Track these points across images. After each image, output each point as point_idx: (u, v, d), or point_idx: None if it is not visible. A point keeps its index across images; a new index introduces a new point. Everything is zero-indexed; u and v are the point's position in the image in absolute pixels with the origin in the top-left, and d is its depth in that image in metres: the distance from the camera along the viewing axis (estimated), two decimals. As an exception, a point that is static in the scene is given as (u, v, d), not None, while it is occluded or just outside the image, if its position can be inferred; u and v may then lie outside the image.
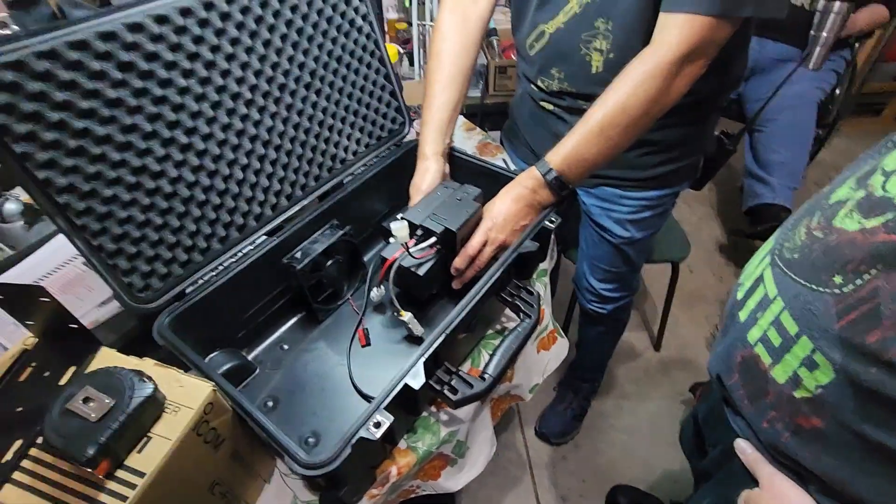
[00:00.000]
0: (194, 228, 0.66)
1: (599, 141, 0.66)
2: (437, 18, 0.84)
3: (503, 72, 1.44)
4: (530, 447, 1.45)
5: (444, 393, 0.59)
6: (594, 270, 1.05)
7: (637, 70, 0.63)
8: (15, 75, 0.47)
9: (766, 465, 0.50)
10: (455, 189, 0.74)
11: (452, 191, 0.74)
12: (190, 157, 0.63)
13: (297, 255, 0.74)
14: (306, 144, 0.77)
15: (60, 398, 0.44)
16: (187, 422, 0.47)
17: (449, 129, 0.81)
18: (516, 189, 0.72)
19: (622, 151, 0.68)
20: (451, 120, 0.81)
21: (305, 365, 0.74)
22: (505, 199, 0.72)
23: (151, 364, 0.51)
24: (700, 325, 1.75)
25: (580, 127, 0.67)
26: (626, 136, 0.66)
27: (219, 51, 0.62)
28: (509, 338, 0.66)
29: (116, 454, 0.44)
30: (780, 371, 0.46)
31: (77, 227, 0.55)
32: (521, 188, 0.71)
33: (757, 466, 0.50)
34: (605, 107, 0.65)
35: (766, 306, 0.47)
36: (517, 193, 0.72)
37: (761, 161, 1.71)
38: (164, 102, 0.59)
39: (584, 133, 0.66)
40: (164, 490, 0.45)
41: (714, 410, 0.66)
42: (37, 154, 0.50)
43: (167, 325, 0.62)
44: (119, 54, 0.54)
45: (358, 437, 0.51)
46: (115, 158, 0.56)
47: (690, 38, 0.59)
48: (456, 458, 0.74)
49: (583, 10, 0.70)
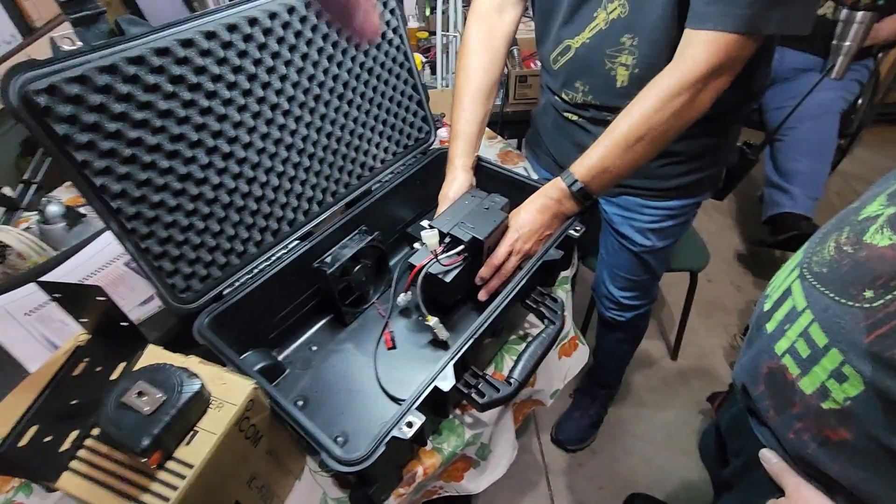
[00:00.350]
0: (232, 233, 0.69)
1: (624, 153, 0.67)
2: (465, 33, 0.87)
3: (523, 81, 1.46)
4: (546, 452, 1.46)
5: (471, 396, 0.61)
6: (614, 278, 1.06)
7: (663, 85, 0.64)
8: (80, 88, 0.50)
9: (792, 475, 0.50)
10: (482, 198, 0.76)
11: (480, 200, 0.76)
12: (231, 165, 0.66)
13: (327, 260, 0.77)
14: (338, 152, 0.80)
15: (115, 392, 0.47)
16: (231, 417, 0.49)
17: (477, 142, 0.84)
18: (542, 200, 0.73)
19: (646, 163, 0.70)
20: (479, 132, 0.83)
21: (333, 366, 0.77)
22: (530, 210, 0.74)
23: (196, 361, 0.54)
24: (718, 334, 1.74)
25: (605, 139, 0.68)
26: (650, 149, 0.67)
27: (260, 64, 0.65)
28: (534, 343, 0.67)
29: (167, 446, 0.46)
30: (807, 382, 0.46)
31: (127, 231, 0.58)
32: (547, 199, 0.73)
33: (783, 476, 0.51)
34: (630, 119, 0.66)
35: (794, 318, 0.48)
36: (542, 204, 0.73)
37: (782, 170, 1.70)
38: (209, 113, 0.62)
39: (609, 145, 0.68)
40: (208, 482, 0.47)
41: (737, 420, 0.67)
42: (95, 162, 0.53)
43: (207, 326, 0.65)
44: (171, 68, 0.57)
45: (391, 436, 0.53)
46: (163, 166, 0.59)
47: (716, 55, 0.60)
48: (479, 461, 0.75)
49: (609, 27, 0.72)
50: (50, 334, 0.70)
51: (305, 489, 0.65)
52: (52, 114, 0.49)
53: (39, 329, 0.70)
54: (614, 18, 0.70)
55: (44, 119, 0.49)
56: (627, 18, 0.69)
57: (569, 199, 0.72)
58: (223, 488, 0.51)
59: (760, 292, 1.86)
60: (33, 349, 0.68)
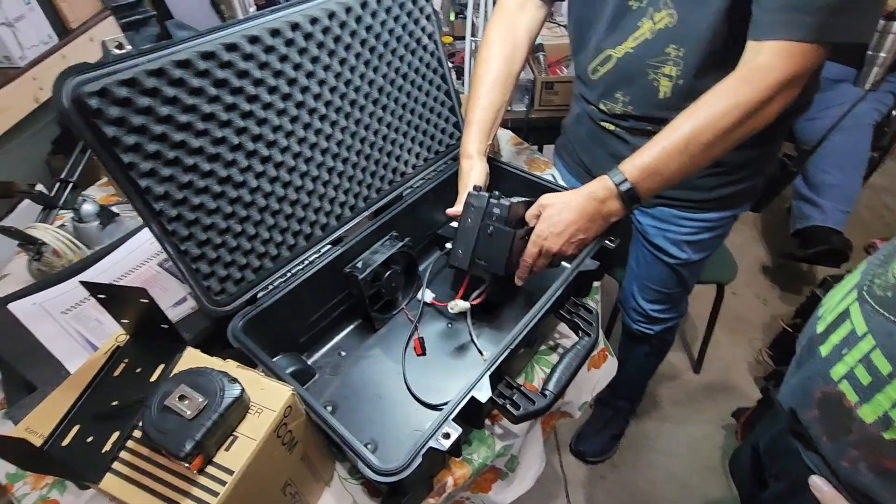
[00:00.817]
0: (267, 236, 0.69)
1: (681, 157, 0.63)
2: (487, 28, 0.87)
3: (550, 87, 1.45)
4: (565, 464, 1.44)
5: (506, 408, 0.60)
6: (644, 290, 1.05)
7: (732, 91, 0.61)
8: (128, 91, 0.51)
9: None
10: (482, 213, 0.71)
11: (481, 219, 0.71)
12: (268, 169, 0.66)
13: (358, 265, 0.76)
14: (370, 157, 0.80)
15: (158, 395, 0.47)
16: (270, 423, 0.49)
17: (492, 131, 0.82)
18: (583, 199, 0.68)
19: (698, 172, 0.66)
20: (494, 121, 0.82)
21: (362, 372, 0.76)
22: (567, 209, 0.68)
23: (234, 366, 0.54)
24: (743, 348, 1.70)
25: (662, 140, 0.64)
26: (707, 156, 0.64)
27: (300, 68, 0.66)
28: (569, 355, 0.66)
29: (208, 451, 0.46)
30: (868, 410, 0.45)
31: (168, 232, 0.59)
32: (589, 198, 0.68)
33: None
34: (694, 122, 0.62)
35: (853, 343, 0.46)
36: (582, 204, 0.68)
37: (812, 182, 1.66)
38: (249, 117, 0.62)
39: (667, 146, 0.64)
40: (247, 488, 0.47)
41: (779, 442, 0.65)
42: (140, 164, 0.54)
43: (240, 328, 0.65)
44: (216, 72, 0.57)
45: (428, 447, 0.52)
46: (204, 169, 0.59)
47: (792, 64, 0.58)
48: (507, 472, 0.74)
49: (655, 37, 0.70)
50: (86, 332, 0.71)
51: (335, 496, 0.64)
52: (102, 115, 0.50)
53: (76, 327, 0.71)
54: (661, 28, 0.69)
55: (93, 121, 0.50)
56: (675, 29, 0.68)
57: (615, 199, 0.68)
58: (261, 494, 0.50)
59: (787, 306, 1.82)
60: (70, 346, 0.68)
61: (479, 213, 0.70)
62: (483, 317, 0.82)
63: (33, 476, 0.66)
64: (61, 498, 0.64)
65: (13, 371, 0.66)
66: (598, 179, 0.69)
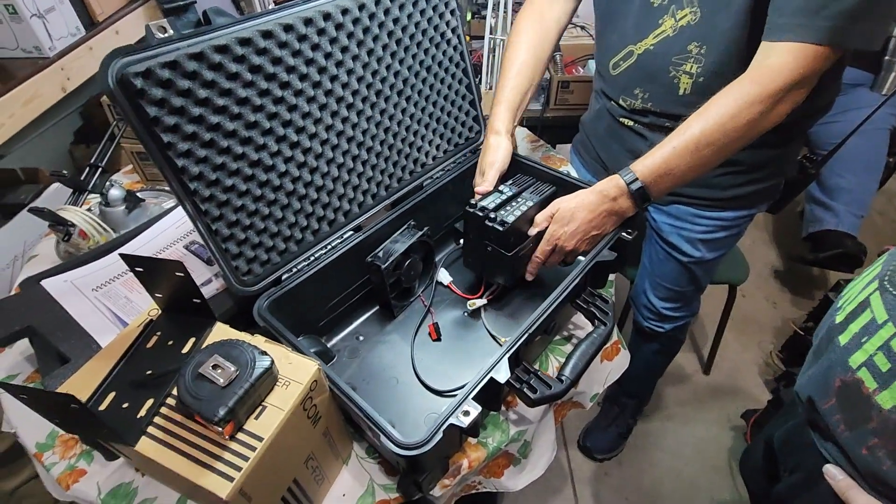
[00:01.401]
0: (293, 220, 0.71)
1: (691, 157, 0.65)
2: (517, 18, 0.90)
3: (566, 86, 1.46)
4: (572, 459, 1.45)
5: (523, 391, 0.62)
6: (656, 288, 1.05)
7: (742, 91, 0.63)
8: (170, 73, 0.53)
9: (860, 493, 0.49)
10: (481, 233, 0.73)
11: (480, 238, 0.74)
12: (297, 154, 0.68)
13: (380, 254, 0.78)
14: (393, 147, 0.81)
15: (192, 363, 0.49)
16: (297, 396, 0.51)
17: (519, 112, 0.85)
18: (595, 197, 0.71)
19: (708, 171, 0.68)
20: (521, 103, 0.84)
21: (380, 357, 0.78)
22: (579, 207, 0.71)
23: (262, 340, 0.55)
24: (752, 350, 1.70)
25: (673, 140, 0.66)
26: (717, 156, 0.66)
27: (330, 57, 0.68)
28: (585, 343, 0.67)
29: (239, 418, 0.48)
30: (887, 397, 0.45)
31: (201, 212, 0.61)
32: (601, 196, 0.70)
33: (850, 493, 0.49)
34: (704, 123, 0.64)
35: (873, 331, 0.47)
36: (594, 202, 0.70)
37: (826, 186, 1.66)
38: (281, 103, 0.64)
39: (677, 147, 0.66)
40: (275, 456, 0.49)
41: (795, 434, 0.65)
42: (178, 144, 0.56)
43: (266, 308, 0.67)
44: (251, 58, 0.59)
45: (448, 423, 0.54)
46: (237, 152, 0.61)
47: (801, 65, 0.59)
48: (519, 458, 0.75)
49: (677, 34, 0.72)
50: (116, 309, 0.73)
51: (353, 474, 0.66)
52: (145, 96, 0.52)
53: (106, 304, 0.74)
54: (683, 25, 0.70)
55: (137, 101, 0.52)
56: (697, 26, 0.69)
57: (626, 197, 0.70)
58: (286, 464, 0.52)
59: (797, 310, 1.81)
60: (101, 322, 0.71)
61: (478, 231, 0.73)
62: (500, 306, 0.83)
63: (62, 446, 0.69)
64: (88, 468, 0.66)
65: (47, 343, 0.68)
66: (609, 178, 0.71)
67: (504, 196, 0.75)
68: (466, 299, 0.83)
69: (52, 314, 0.72)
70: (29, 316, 0.71)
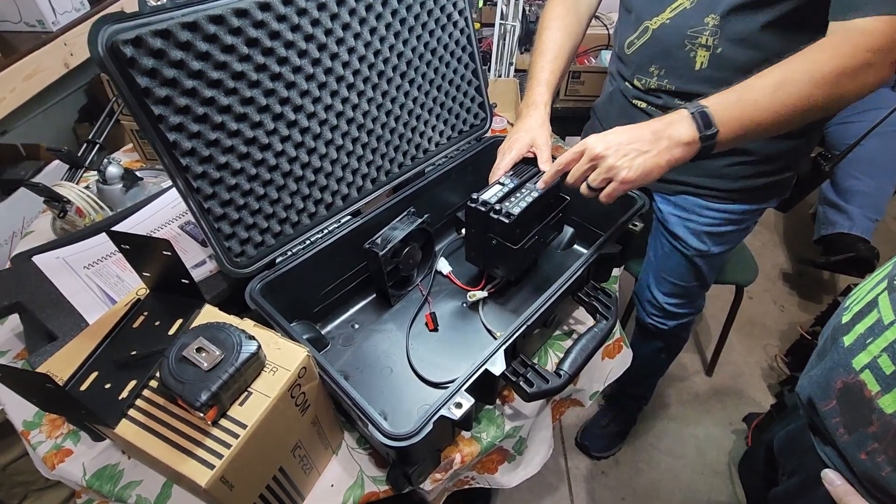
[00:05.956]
0: (289, 202, 0.69)
1: (770, 98, 0.56)
2: (549, 4, 0.88)
3: (576, 77, 1.43)
4: (569, 457, 1.43)
5: (519, 384, 0.60)
6: (660, 283, 1.03)
7: (831, 45, 0.57)
8: (162, 43, 0.51)
9: (858, 499, 0.47)
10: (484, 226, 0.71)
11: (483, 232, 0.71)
12: (294, 133, 0.66)
13: (377, 241, 0.76)
14: (395, 131, 0.79)
15: (176, 346, 0.47)
16: (284, 382, 0.49)
17: (553, 90, 0.83)
18: (645, 122, 0.61)
19: (780, 128, 0.59)
20: (555, 82, 0.82)
21: (375, 345, 0.76)
22: (624, 128, 0.61)
23: (251, 325, 0.54)
24: (756, 354, 1.67)
25: (750, 81, 0.58)
26: (795, 106, 0.57)
27: (331, 34, 0.65)
28: (585, 337, 0.65)
29: (223, 404, 0.46)
30: (889, 401, 0.43)
31: (193, 189, 0.59)
32: (654, 120, 0.61)
33: (847, 499, 0.48)
34: (787, 69, 0.57)
35: (879, 332, 0.45)
36: (643, 124, 0.60)
37: (840, 188, 1.61)
38: (279, 79, 0.62)
39: (754, 84, 0.58)
40: (259, 443, 0.47)
41: (794, 438, 0.63)
42: (170, 117, 0.54)
43: (258, 291, 0.65)
44: (248, 31, 0.57)
45: (439, 415, 0.52)
46: (232, 128, 0.59)
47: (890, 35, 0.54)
48: (514, 455, 0.74)
49: (694, 6, 0.69)
50: (107, 288, 0.72)
51: (342, 464, 0.64)
52: (136, 65, 0.50)
53: (97, 282, 0.72)
54: None
55: (127, 70, 0.50)
56: None
57: (686, 120, 0.58)
58: (271, 452, 0.51)
59: (805, 314, 1.78)
60: (91, 300, 0.69)
61: (482, 225, 0.70)
62: (502, 301, 0.81)
63: (49, 425, 0.68)
64: (75, 448, 0.65)
65: (36, 320, 0.67)
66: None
67: (506, 188, 0.72)
68: (466, 290, 0.81)
69: (41, 291, 0.70)
70: (18, 292, 0.70)
